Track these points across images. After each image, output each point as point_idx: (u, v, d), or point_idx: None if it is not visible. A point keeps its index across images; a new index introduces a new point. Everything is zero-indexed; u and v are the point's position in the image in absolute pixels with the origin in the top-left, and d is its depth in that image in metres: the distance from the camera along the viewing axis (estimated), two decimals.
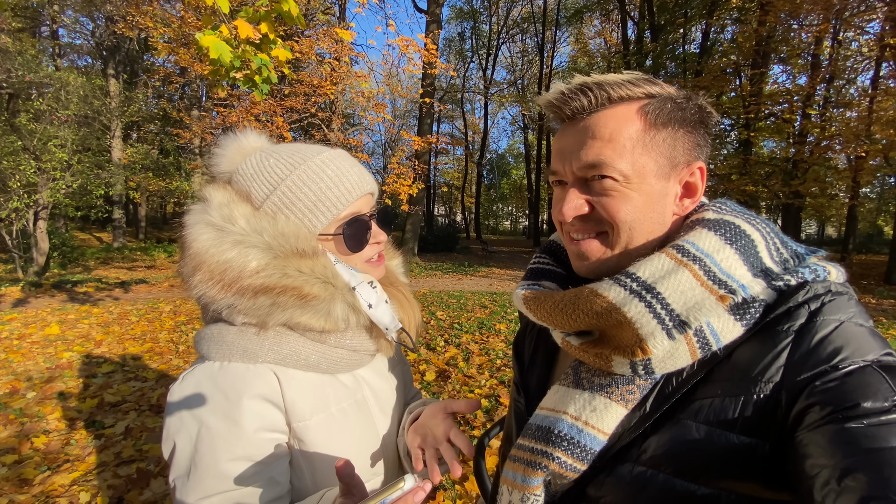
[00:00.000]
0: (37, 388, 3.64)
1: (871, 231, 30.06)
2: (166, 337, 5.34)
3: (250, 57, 2.31)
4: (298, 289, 0.67)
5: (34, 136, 9.50)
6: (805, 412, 0.44)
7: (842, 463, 0.38)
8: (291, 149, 0.76)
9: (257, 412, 0.66)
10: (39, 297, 7.54)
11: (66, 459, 2.64)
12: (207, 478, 0.63)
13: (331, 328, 0.71)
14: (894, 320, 6.71)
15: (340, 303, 0.71)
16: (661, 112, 0.55)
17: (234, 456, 0.64)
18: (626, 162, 0.54)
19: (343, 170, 0.75)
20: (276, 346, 0.69)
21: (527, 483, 0.58)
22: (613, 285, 0.52)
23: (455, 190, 36.73)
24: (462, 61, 30.17)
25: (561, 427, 0.56)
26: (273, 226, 0.69)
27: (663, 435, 0.52)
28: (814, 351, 0.46)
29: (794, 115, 12.42)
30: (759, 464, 0.46)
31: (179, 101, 16.81)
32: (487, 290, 9.67)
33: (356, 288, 0.74)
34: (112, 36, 15.24)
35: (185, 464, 0.64)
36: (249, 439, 0.65)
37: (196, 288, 0.67)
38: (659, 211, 0.57)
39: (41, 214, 9.42)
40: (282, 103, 8.78)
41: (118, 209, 16.65)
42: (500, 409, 3.35)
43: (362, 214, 0.77)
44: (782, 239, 0.56)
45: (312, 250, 0.70)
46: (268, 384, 0.68)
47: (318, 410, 0.72)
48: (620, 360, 0.53)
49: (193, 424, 0.64)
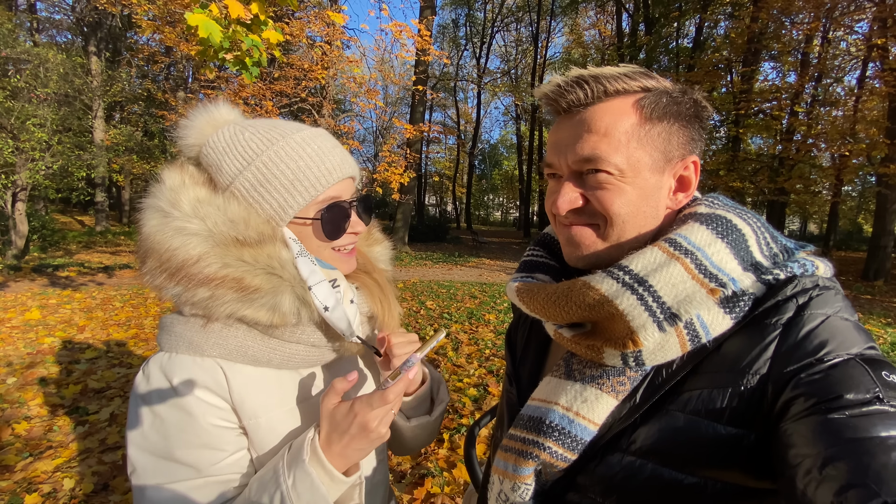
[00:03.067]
0: (17, 374, 3.56)
1: (851, 229, 30.86)
2: (151, 323, 5.26)
3: (241, 38, 2.24)
4: (238, 280, 0.62)
5: (11, 115, 9.14)
6: (790, 403, 0.45)
7: (824, 452, 0.39)
8: (269, 124, 0.71)
9: (208, 402, 0.64)
10: (19, 280, 7.35)
11: (49, 446, 2.60)
12: (164, 466, 0.61)
13: (279, 322, 0.65)
14: (870, 315, 6.94)
15: (288, 295, 0.65)
16: (656, 106, 0.55)
17: (189, 445, 0.62)
18: (621, 156, 0.54)
19: (324, 149, 0.70)
20: (221, 341, 0.65)
21: (518, 472, 0.59)
22: (606, 278, 0.53)
23: (446, 180, 36.56)
24: (455, 49, 29.81)
25: (552, 417, 0.57)
26: (222, 211, 0.64)
27: (652, 425, 0.53)
28: (800, 344, 0.47)
29: (782, 112, 12.59)
30: (745, 453, 0.47)
31: (165, 81, 16.29)
32: (477, 280, 9.71)
33: (312, 288, 0.68)
34: (93, 11, 14.69)
35: (139, 455, 0.62)
36: (203, 428, 0.63)
37: (147, 275, 0.64)
38: (652, 205, 0.58)
39: (20, 196, 9.12)
40: (271, 87, 8.60)
41: (101, 192, 16.21)
42: (489, 398, 3.39)
43: (342, 200, 0.72)
44: (772, 234, 0.57)
45: (259, 237, 0.64)
46: (213, 379, 0.64)
47: (270, 408, 0.68)
48: (612, 351, 0.54)
49: (147, 415, 0.62)
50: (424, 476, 2.39)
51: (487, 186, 45.23)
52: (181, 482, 0.61)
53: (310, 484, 0.60)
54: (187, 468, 0.62)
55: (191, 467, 0.62)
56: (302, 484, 0.60)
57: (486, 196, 47.38)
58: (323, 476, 0.62)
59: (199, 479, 0.62)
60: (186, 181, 0.67)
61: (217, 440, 0.64)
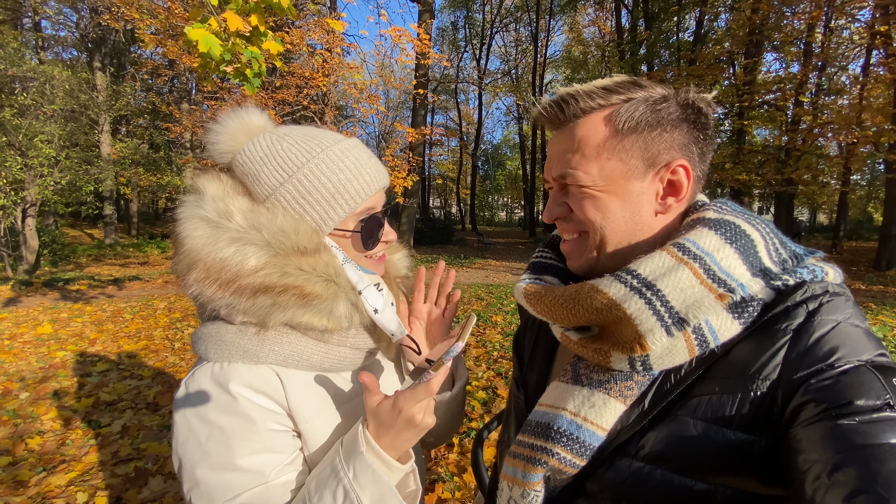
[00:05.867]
0: (30, 389, 3.61)
1: (861, 218, 30.46)
2: (161, 334, 5.30)
3: (240, 50, 2.26)
4: (300, 288, 0.64)
5: (19, 132, 9.30)
6: (800, 409, 0.45)
7: (833, 458, 0.39)
8: (305, 134, 0.71)
9: (267, 408, 0.65)
10: (30, 295, 7.45)
11: (63, 460, 2.62)
12: (228, 477, 0.61)
13: (334, 327, 0.68)
14: (883, 306, 6.81)
15: (343, 301, 0.68)
16: (629, 117, 0.57)
17: (252, 450, 0.62)
18: (594, 168, 0.58)
19: (362, 161, 0.72)
20: (277, 347, 0.66)
21: (527, 479, 0.59)
22: (614, 282, 0.53)
23: (450, 181, 36.62)
24: (455, 51, 29.88)
25: (560, 423, 0.57)
26: (272, 221, 0.65)
27: (661, 431, 0.53)
28: (810, 350, 0.47)
29: (786, 102, 12.46)
30: (756, 459, 0.47)
31: (168, 94, 16.51)
32: (483, 281, 9.69)
33: (362, 292, 0.71)
34: (97, 28, 14.90)
35: (200, 472, 0.61)
36: (264, 434, 0.63)
37: (192, 287, 0.64)
38: (633, 211, 0.58)
39: (29, 212, 9.28)
40: (273, 96, 8.66)
41: (109, 205, 16.42)
42: (498, 401, 3.38)
43: (377, 211, 0.74)
44: (781, 239, 0.57)
45: (315, 247, 0.67)
46: (271, 386, 0.65)
47: (322, 410, 0.70)
48: (619, 356, 0.54)
49: (204, 429, 0.62)
50: (435, 481, 2.38)
51: (491, 187, 45.22)
52: (247, 491, 0.61)
53: (371, 474, 0.60)
54: (252, 475, 0.62)
55: (255, 473, 0.62)
56: (364, 475, 0.60)
57: (490, 197, 47.36)
58: (381, 466, 0.62)
59: (263, 484, 0.62)
60: (228, 190, 0.67)
61: (278, 444, 0.65)
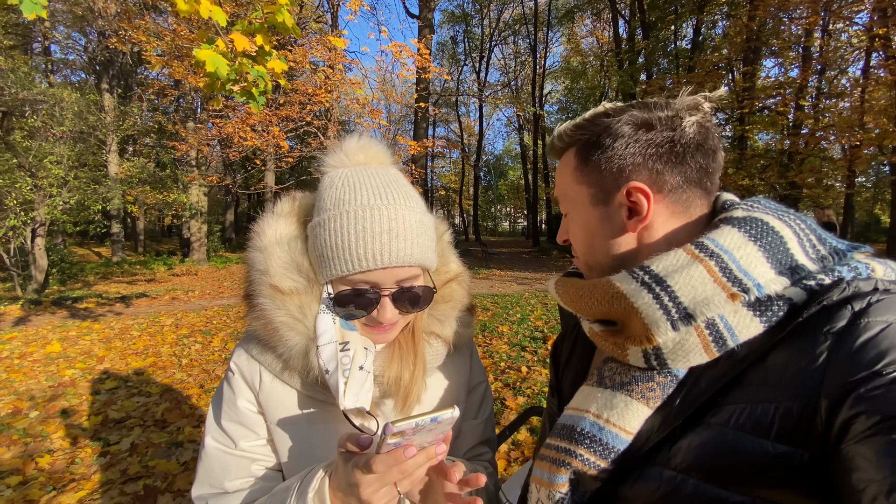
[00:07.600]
0: (40, 408, 3.62)
1: (868, 220, 30.18)
2: (169, 351, 5.32)
3: (247, 69, 2.31)
4: (267, 313, 0.73)
5: (29, 154, 9.48)
6: (850, 422, 0.41)
7: (891, 477, 0.36)
8: (356, 184, 0.71)
9: (241, 387, 0.76)
10: (40, 314, 7.51)
11: (72, 478, 2.62)
12: (217, 430, 0.76)
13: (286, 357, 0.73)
14: None
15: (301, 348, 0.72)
16: (590, 147, 0.61)
17: (229, 418, 0.76)
18: (566, 196, 0.66)
19: (372, 233, 0.67)
20: (260, 353, 0.77)
21: (553, 480, 0.60)
22: (627, 276, 0.55)
23: (453, 193, 36.76)
24: (455, 64, 30.29)
25: (583, 425, 0.58)
26: (286, 252, 0.75)
27: (693, 439, 0.51)
28: (857, 355, 0.43)
29: (787, 106, 12.47)
30: (797, 473, 0.44)
31: (175, 113, 16.78)
32: (489, 292, 9.66)
33: (319, 348, 0.69)
34: (105, 51, 15.25)
35: (209, 414, 0.78)
36: (239, 408, 0.75)
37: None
38: (605, 232, 0.62)
39: (39, 231, 9.40)
40: (277, 112, 8.79)
41: (116, 223, 16.61)
42: (507, 413, 3.34)
43: (368, 290, 0.69)
44: (819, 235, 0.54)
45: (289, 288, 0.72)
46: (250, 372, 0.76)
47: (290, 422, 0.75)
48: (634, 349, 0.55)
49: (220, 386, 0.80)
50: None
51: (494, 197, 45.36)
52: (223, 447, 0.75)
53: None
54: (227, 438, 0.75)
55: (229, 438, 0.75)
56: None
57: (493, 207, 47.48)
58: None
59: (235, 450, 0.75)
60: (294, 209, 0.80)
61: (249, 421, 0.75)
